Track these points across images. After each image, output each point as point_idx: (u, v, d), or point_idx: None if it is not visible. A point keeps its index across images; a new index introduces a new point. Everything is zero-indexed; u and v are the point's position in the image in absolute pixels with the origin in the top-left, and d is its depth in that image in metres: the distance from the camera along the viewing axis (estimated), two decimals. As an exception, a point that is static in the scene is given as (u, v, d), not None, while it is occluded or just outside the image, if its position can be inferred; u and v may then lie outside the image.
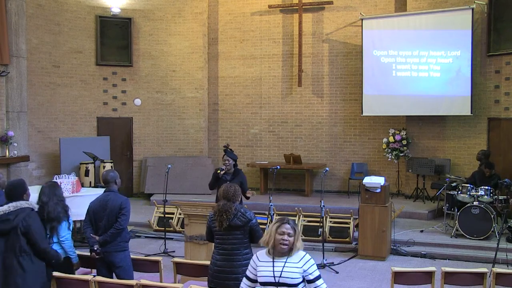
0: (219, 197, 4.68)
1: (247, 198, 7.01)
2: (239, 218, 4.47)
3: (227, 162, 6.93)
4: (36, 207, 4.46)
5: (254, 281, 3.61)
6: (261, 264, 3.55)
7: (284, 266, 3.46)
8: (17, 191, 4.46)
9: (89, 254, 5.22)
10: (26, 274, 4.22)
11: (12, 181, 4.83)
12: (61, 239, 4.96)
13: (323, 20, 12.08)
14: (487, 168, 8.84)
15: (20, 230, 4.23)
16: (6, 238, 4.25)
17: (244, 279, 3.67)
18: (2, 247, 4.31)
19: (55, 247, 4.94)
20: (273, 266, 3.48)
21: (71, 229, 5.14)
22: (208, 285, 4.52)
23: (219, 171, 6.87)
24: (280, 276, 3.44)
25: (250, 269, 3.64)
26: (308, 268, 3.49)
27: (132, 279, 4.96)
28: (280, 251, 3.50)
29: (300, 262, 3.49)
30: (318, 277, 3.51)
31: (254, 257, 3.65)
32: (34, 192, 5.05)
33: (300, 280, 3.47)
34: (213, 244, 4.66)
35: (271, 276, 3.46)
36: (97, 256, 5.00)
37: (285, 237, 3.47)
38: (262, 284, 3.52)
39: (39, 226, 4.42)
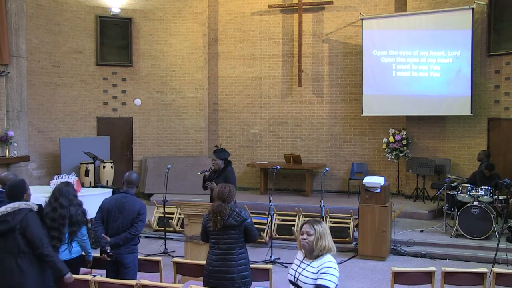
0: (213, 198, 4.68)
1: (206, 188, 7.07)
2: (234, 217, 4.47)
3: (213, 161, 7.18)
4: (35, 207, 4.35)
5: None
6: (295, 261, 3.63)
7: (304, 269, 3.49)
8: (16, 191, 4.43)
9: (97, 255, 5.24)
10: (24, 275, 4.18)
11: (12, 181, 4.82)
12: (82, 238, 5.06)
13: (323, 20, 12.08)
14: (487, 169, 8.84)
15: (19, 231, 4.21)
16: (5, 239, 4.23)
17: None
18: (0, 248, 4.29)
19: (74, 245, 5.01)
20: (298, 267, 3.55)
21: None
22: (204, 285, 4.52)
23: (199, 173, 7.21)
24: (297, 278, 3.50)
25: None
26: (321, 273, 3.37)
27: (136, 278, 4.98)
28: (305, 251, 3.55)
29: (319, 267, 3.41)
30: (322, 286, 3.33)
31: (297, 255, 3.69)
32: (36, 192, 5.04)
33: (313, 285, 3.39)
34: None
35: (292, 275, 3.56)
36: (108, 258, 4.98)
37: (304, 236, 3.50)
38: (289, 282, 3.59)
39: (37, 228, 4.26)
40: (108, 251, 4.94)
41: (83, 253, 5.19)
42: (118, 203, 5.10)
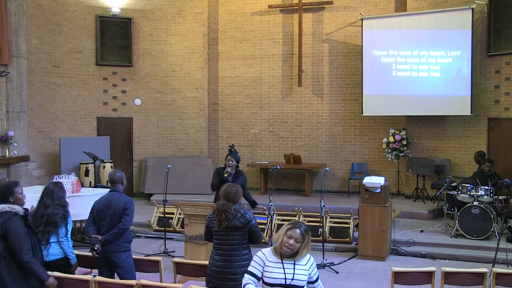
0: (220, 196, 4.66)
1: (254, 206, 6.88)
2: (239, 219, 4.44)
3: (230, 162, 6.68)
4: (21, 211, 4.27)
5: (259, 278, 3.57)
6: (270, 264, 3.54)
7: (294, 269, 3.51)
8: (3, 193, 4.36)
9: (89, 254, 5.23)
10: (4, 279, 4.11)
11: (2, 183, 4.80)
12: (60, 239, 5.00)
13: (323, 20, 12.08)
14: (488, 162, 8.85)
15: (0, 234, 4.13)
16: None
17: (248, 275, 3.58)
18: None
19: (54, 246, 4.97)
20: (284, 269, 3.51)
21: (69, 233, 5.15)
22: (206, 285, 4.51)
23: (226, 174, 6.57)
24: (292, 279, 3.49)
25: (256, 265, 3.58)
26: (312, 270, 3.63)
27: (135, 279, 4.97)
28: (285, 253, 3.53)
29: (307, 265, 3.59)
30: (318, 278, 3.70)
31: (261, 254, 3.60)
32: (36, 192, 5.04)
33: (306, 281, 3.59)
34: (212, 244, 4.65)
35: (282, 279, 3.49)
36: (97, 256, 5.00)
37: (291, 241, 3.49)
38: (270, 285, 3.52)
39: (18, 233, 4.15)
40: (96, 248, 4.95)
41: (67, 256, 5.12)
42: (106, 202, 5.15)
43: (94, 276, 4.77)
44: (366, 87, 11.30)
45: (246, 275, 3.60)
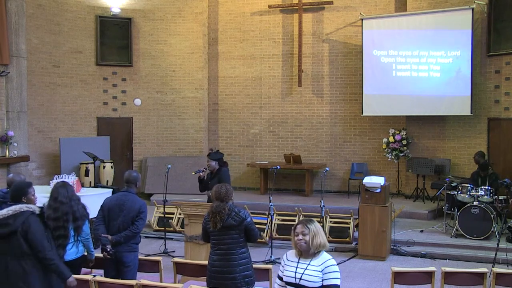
0: (211, 198, 4.68)
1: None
2: (233, 217, 4.46)
3: (207, 163, 7.33)
4: (37, 210, 4.29)
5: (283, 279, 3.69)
6: (287, 263, 3.64)
7: (306, 269, 3.52)
8: (16, 193, 4.39)
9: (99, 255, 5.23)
10: (29, 278, 4.12)
11: (16, 183, 4.81)
12: (86, 237, 5.05)
13: (323, 20, 12.08)
14: (481, 170, 8.87)
15: (21, 234, 4.16)
16: (7, 242, 4.19)
17: (277, 279, 3.75)
18: (2, 251, 4.23)
19: (80, 244, 5.02)
20: (297, 267, 3.56)
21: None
22: (206, 285, 4.53)
23: (194, 173, 7.46)
24: (300, 278, 3.50)
25: (280, 268, 3.72)
26: (327, 273, 3.47)
27: (135, 278, 4.98)
28: (302, 250, 3.57)
29: (322, 266, 3.50)
30: (334, 286, 3.47)
31: (284, 256, 3.72)
32: (36, 192, 5.03)
33: (320, 284, 3.47)
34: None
35: (293, 277, 3.54)
36: (108, 256, 4.99)
37: (300, 236, 3.54)
38: (286, 283, 3.61)
39: (38, 231, 4.17)
40: (109, 249, 4.95)
41: (85, 253, 5.19)
42: (119, 202, 5.13)
43: (94, 276, 4.77)
44: (366, 87, 11.30)
45: (276, 279, 3.77)
